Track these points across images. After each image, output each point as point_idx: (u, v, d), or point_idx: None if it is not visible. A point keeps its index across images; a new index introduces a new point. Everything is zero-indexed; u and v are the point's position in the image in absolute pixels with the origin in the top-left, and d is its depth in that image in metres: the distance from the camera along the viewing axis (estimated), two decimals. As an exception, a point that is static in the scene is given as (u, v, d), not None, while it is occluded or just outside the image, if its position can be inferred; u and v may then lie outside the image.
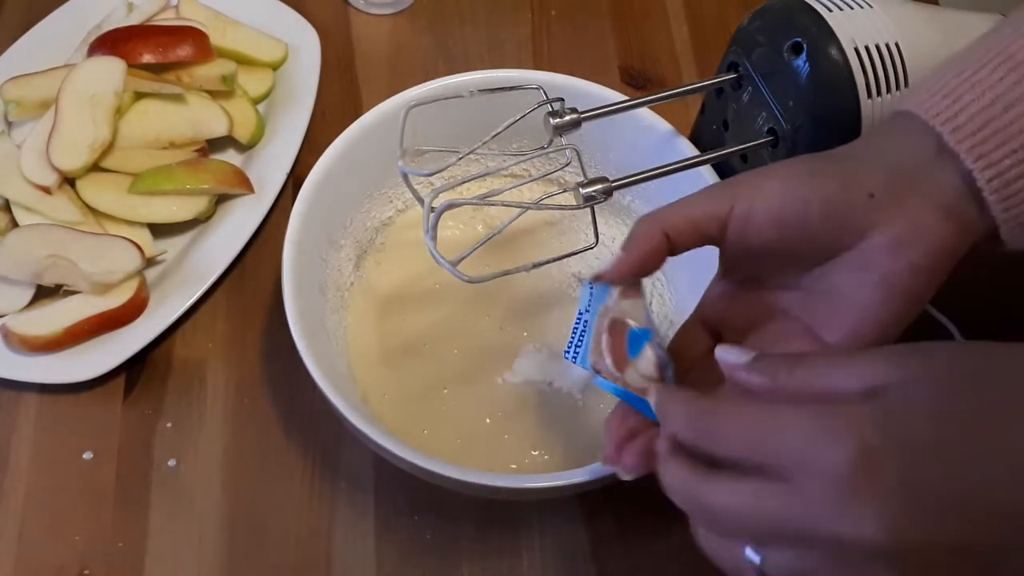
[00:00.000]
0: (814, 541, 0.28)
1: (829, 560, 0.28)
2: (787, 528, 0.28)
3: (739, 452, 0.30)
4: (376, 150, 0.52)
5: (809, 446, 0.28)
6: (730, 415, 0.31)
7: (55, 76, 0.58)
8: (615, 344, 0.37)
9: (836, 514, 0.27)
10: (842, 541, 0.27)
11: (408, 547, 0.51)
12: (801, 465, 0.28)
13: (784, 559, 0.29)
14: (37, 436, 0.54)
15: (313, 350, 0.45)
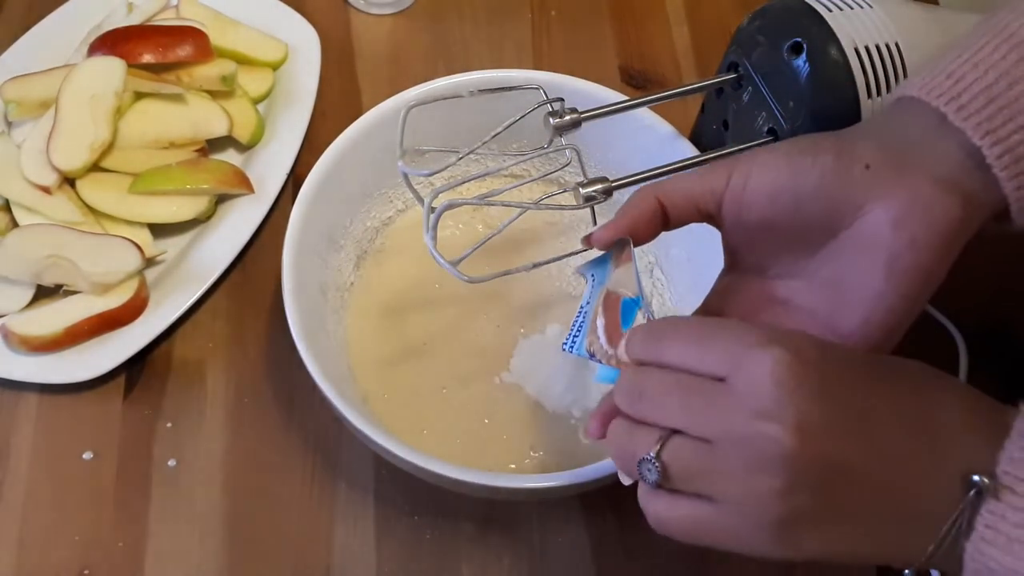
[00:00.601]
0: (728, 435, 0.29)
1: (728, 457, 0.29)
2: (708, 418, 0.30)
3: (684, 360, 0.31)
4: (376, 150, 0.52)
5: (749, 347, 0.30)
6: (676, 327, 0.33)
7: (55, 76, 0.58)
8: (609, 320, 0.38)
9: (760, 411, 0.29)
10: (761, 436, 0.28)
11: (408, 547, 0.51)
12: (738, 363, 0.30)
13: (685, 448, 0.31)
14: (37, 436, 0.54)
15: (313, 350, 0.45)
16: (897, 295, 0.34)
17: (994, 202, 0.34)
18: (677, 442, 0.31)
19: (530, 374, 0.53)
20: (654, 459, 0.31)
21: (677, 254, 0.54)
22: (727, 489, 0.30)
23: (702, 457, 0.30)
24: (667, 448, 0.31)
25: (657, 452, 0.31)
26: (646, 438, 0.31)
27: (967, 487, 0.30)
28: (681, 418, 0.31)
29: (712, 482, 0.30)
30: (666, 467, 0.31)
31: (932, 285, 0.35)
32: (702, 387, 0.31)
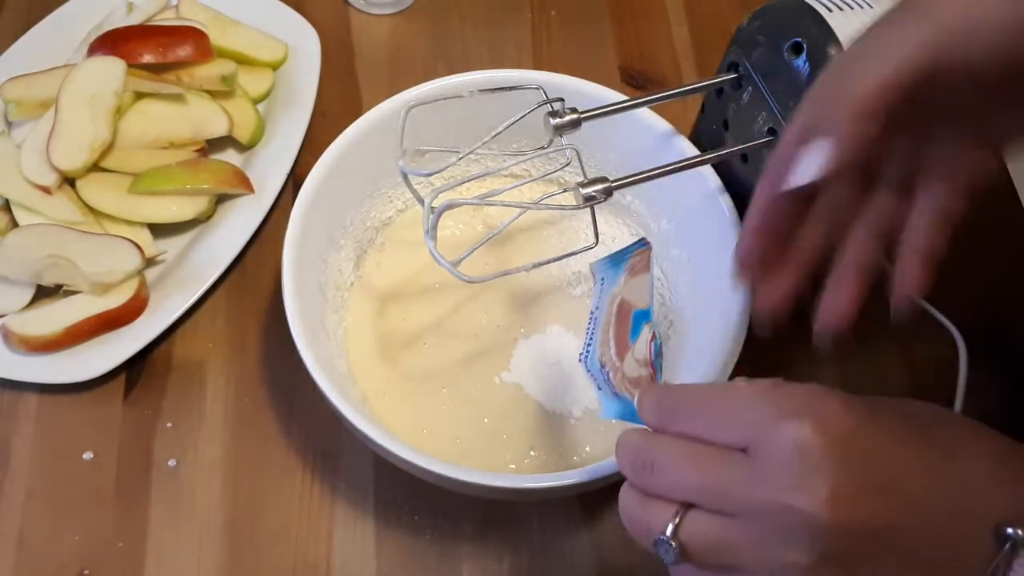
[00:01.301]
0: (752, 509, 0.28)
1: (752, 531, 0.29)
2: (727, 492, 0.29)
3: (699, 429, 0.30)
4: (376, 150, 0.52)
5: (771, 419, 0.29)
6: (692, 394, 0.32)
7: (55, 76, 0.58)
8: (620, 330, 0.37)
9: (788, 484, 0.28)
10: (789, 510, 0.28)
11: (408, 547, 0.51)
12: (761, 436, 0.29)
13: (704, 523, 0.30)
14: (37, 436, 0.54)
15: (313, 350, 0.45)
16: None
17: None
18: (694, 518, 0.30)
19: (530, 374, 0.53)
20: (670, 539, 0.30)
21: (677, 254, 0.54)
22: (752, 563, 0.29)
23: (722, 532, 0.29)
24: (684, 526, 0.30)
25: (673, 531, 0.30)
26: (660, 515, 0.30)
27: (1000, 540, 0.29)
28: (697, 492, 0.30)
29: (735, 557, 0.29)
30: (684, 546, 0.30)
31: None
32: (719, 459, 0.30)
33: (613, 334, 0.37)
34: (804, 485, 0.28)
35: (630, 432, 0.33)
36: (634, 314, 0.37)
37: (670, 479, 0.30)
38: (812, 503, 0.27)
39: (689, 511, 0.30)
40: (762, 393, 0.30)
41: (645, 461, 0.31)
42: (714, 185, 0.50)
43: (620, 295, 0.38)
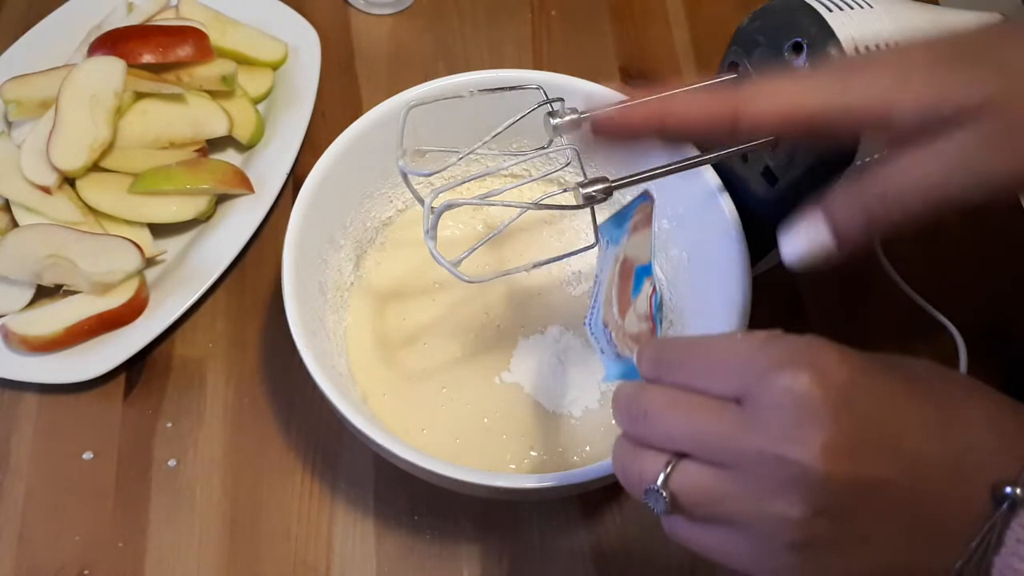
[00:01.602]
0: (744, 459, 0.28)
1: (744, 482, 0.28)
2: (719, 441, 0.28)
3: (693, 381, 0.30)
4: (376, 150, 0.52)
5: (767, 369, 0.28)
6: (689, 344, 0.31)
7: (55, 76, 0.58)
8: (623, 288, 0.37)
9: (782, 434, 0.27)
10: (782, 460, 0.27)
11: (408, 547, 0.51)
12: (755, 385, 0.28)
13: (695, 473, 0.29)
14: (37, 436, 0.54)
15: (313, 350, 0.45)
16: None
17: None
18: (685, 467, 0.29)
19: (530, 374, 0.53)
20: (660, 488, 0.29)
21: (677, 254, 0.54)
22: (743, 515, 0.29)
23: (713, 482, 0.29)
24: (675, 475, 0.29)
25: (664, 480, 0.29)
26: (652, 464, 0.30)
27: (997, 500, 0.29)
28: (689, 441, 0.29)
29: (726, 508, 0.29)
30: (675, 496, 0.29)
31: None
32: (713, 408, 0.29)
33: (616, 293, 0.37)
34: (798, 435, 0.27)
35: (625, 384, 0.32)
36: (636, 270, 0.36)
37: (662, 428, 0.30)
38: (806, 454, 0.27)
39: (681, 461, 0.29)
40: (759, 343, 0.29)
41: (638, 410, 0.31)
42: (714, 185, 0.50)
43: (623, 254, 0.37)
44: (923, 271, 0.60)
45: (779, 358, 0.28)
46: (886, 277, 0.59)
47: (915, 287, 0.58)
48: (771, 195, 0.47)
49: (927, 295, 0.58)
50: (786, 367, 0.28)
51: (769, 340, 0.29)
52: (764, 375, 0.28)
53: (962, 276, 0.61)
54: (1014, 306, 0.60)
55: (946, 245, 0.62)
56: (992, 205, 0.59)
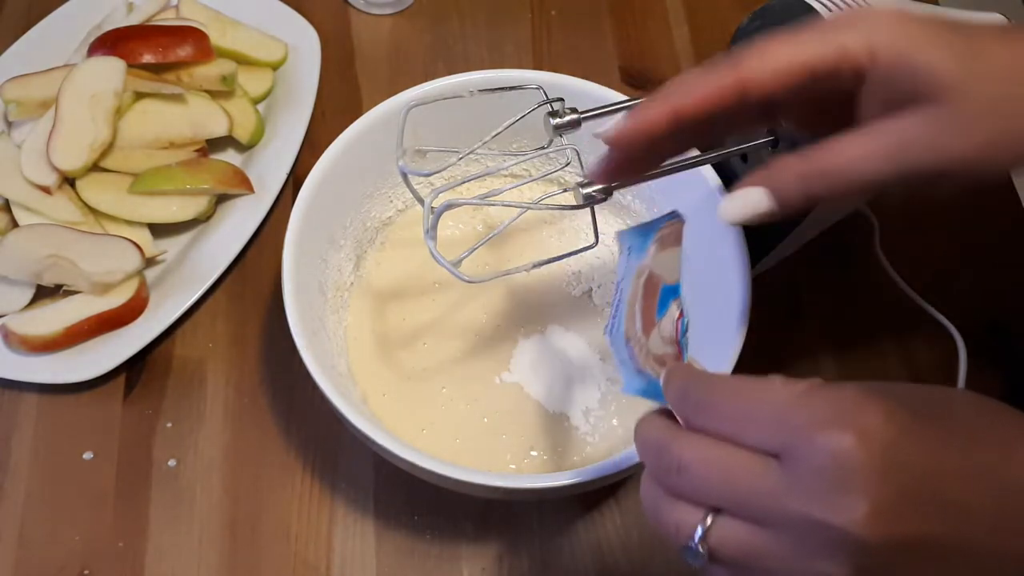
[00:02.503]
0: (785, 521, 0.27)
1: (785, 542, 0.27)
2: (761, 501, 0.28)
3: (729, 427, 0.29)
4: (376, 150, 0.52)
5: (809, 426, 0.27)
6: (724, 386, 0.30)
7: (55, 76, 0.58)
8: (647, 306, 0.36)
9: (825, 499, 0.26)
10: (825, 526, 0.26)
11: (408, 547, 0.51)
12: (796, 444, 0.27)
13: (734, 531, 0.28)
14: (37, 436, 0.54)
15: (313, 350, 0.45)
16: None
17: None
18: (724, 524, 0.28)
19: (530, 374, 0.53)
20: (698, 546, 0.28)
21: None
22: (784, 571, 0.28)
23: (753, 541, 0.28)
24: (713, 531, 0.28)
25: (702, 536, 0.28)
26: (688, 518, 0.29)
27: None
28: (727, 500, 0.28)
29: (766, 564, 0.28)
30: (713, 551, 0.28)
31: None
32: (750, 466, 0.28)
33: (640, 308, 0.36)
34: (842, 502, 0.26)
35: (652, 420, 0.31)
36: (662, 289, 0.36)
37: (699, 484, 0.29)
38: (849, 520, 0.26)
39: (719, 516, 0.28)
40: (799, 396, 0.28)
41: (671, 462, 0.29)
42: (714, 185, 0.50)
43: (648, 268, 0.36)
44: (923, 271, 0.60)
45: (822, 416, 0.27)
46: (886, 277, 0.59)
47: (915, 287, 0.58)
48: (771, 195, 0.47)
49: (927, 295, 0.58)
50: (829, 427, 0.27)
51: (811, 392, 0.28)
52: (806, 434, 0.27)
53: (962, 276, 0.61)
54: (1014, 306, 0.60)
55: (946, 245, 0.62)
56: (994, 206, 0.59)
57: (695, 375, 0.31)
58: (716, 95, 0.34)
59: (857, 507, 0.26)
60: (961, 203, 0.64)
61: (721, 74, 0.34)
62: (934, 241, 0.62)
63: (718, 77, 0.34)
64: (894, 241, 0.61)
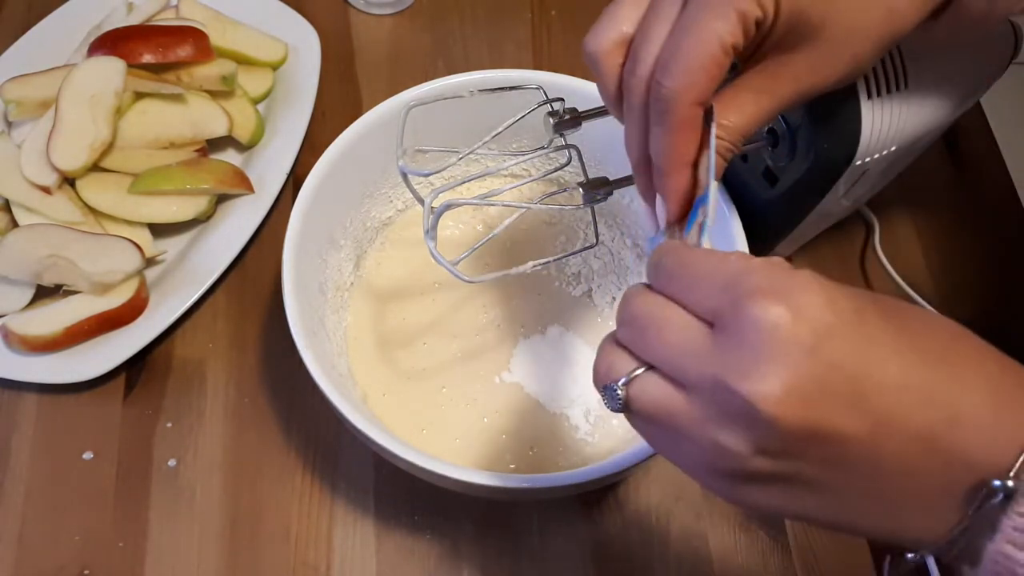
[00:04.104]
0: (700, 384, 0.27)
1: (695, 405, 0.28)
2: (683, 360, 0.28)
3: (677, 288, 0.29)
4: (376, 150, 0.52)
5: (746, 295, 0.27)
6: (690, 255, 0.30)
7: (55, 76, 0.58)
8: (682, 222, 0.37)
9: (740, 368, 0.26)
10: (733, 394, 0.26)
11: (408, 547, 0.51)
12: (730, 310, 0.27)
13: (653, 385, 0.29)
14: (37, 436, 0.54)
15: (313, 350, 0.45)
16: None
17: None
18: (646, 378, 0.29)
19: (530, 374, 0.53)
20: (618, 388, 0.29)
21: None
22: (688, 434, 0.28)
23: (667, 399, 0.28)
24: (634, 382, 0.29)
25: (623, 383, 0.29)
26: (621, 365, 0.30)
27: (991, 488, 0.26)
28: (654, 355, 0.29)
29: (673, 423, 0.28)
30: (629, 400, 0.29)
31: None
32: (684, 327, 0.28)
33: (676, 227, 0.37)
34: (755, 372, 0.26)
35: (634, 286, 0.32)
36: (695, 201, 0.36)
37: (635, 336, 0.30)
38: (758, 393, 0.26)
39: (645, 371, 0.29)
40: (749, 267, 0.27)
41: (626, 314, 0.30)
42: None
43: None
44: (923, 271, 0.60)
45: (762, 286, 0.26)
46: (886, 277, 0.59)
47: (915, 287, 0.58)
48: (771, 195, 0.47)
49: (927, 295, 0.58)
50: (764, 297, 0.26)
51: (761, 267, 0.27)
52: (739, 301, 0.27)
53: (962, 276, 0.61)
54: (1014, 306, 0.60)
55: (946, 245, 0.62)
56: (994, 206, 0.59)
57: (670, 247, 0.31)
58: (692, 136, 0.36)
59: (769, 381, 0.26)
60: (960, 203, 0.64)
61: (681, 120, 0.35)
62: (934, 241, 0.62)
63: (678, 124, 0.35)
64: (894, 241, 0.61)
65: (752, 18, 0.33)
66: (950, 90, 0.45)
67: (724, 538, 0.51)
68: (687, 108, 0.34)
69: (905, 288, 0.58)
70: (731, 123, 0.36)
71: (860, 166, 0.45)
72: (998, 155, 0.66)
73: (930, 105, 0.45)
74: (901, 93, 0.44)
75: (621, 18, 0.37)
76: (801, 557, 0.51)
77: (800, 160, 0.45)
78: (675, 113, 0.34)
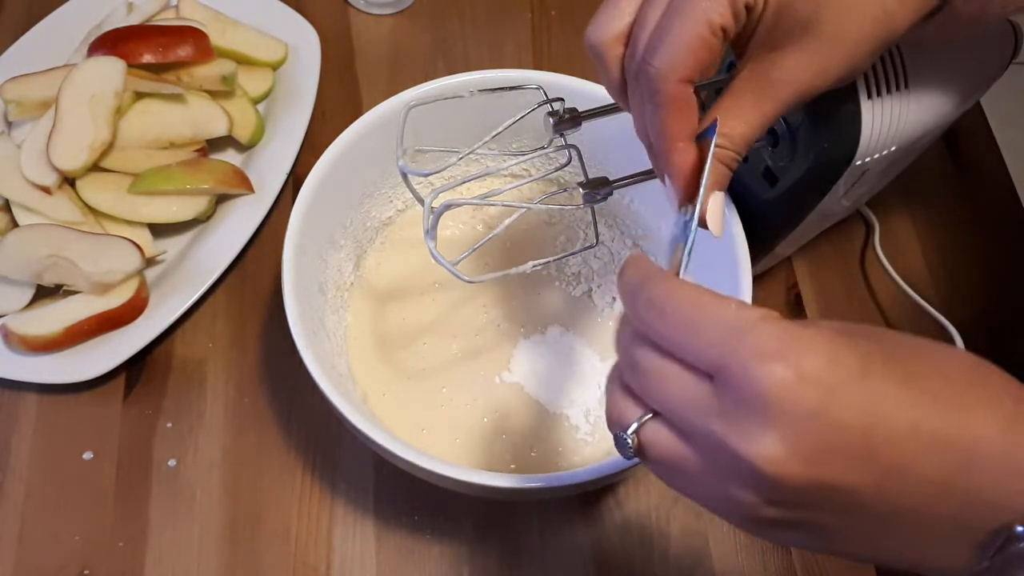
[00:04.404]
0: (706, 439, 0.27)
1: (703, 458, 0.28)
2: (687, 414, 0.28)
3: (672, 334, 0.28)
4: (376, 150, 0.52)
5: (749, 356, 0.26)
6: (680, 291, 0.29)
7: (55, 76, 0.58)
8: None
9: (744, 428, 0.26)
10: (737, 454, 0.26)
11: (408, 547, 0.51)
12: (734, 367, 0.26)
13: (662, 435, 0.29)
14: (37, 436, 0.54)
15: (313, 350, 0.45)
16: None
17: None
18: (654, 427, 0.29)
19: (530, 374, 0.53)
20: (628, 437, 0.29)
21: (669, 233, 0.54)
22: (699, 482, 0.29)
23: (676, 449, 0.29)
24: (644, 430, 0.29)
25: (634, 431, 0.29)
26: (629, 412, 0.30)
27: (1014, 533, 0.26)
28: (660, 406, 0.29)
29: (684, 471, 0.29)
30: (640, 448, 0.29)
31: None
32: (683, 380, 0.28)
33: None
34: (757, 436, 0.26)
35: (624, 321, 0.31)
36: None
37: (643, 385, 0.29)
38: (760, 456, 0.26)
39: (654, 418, 0.29)
40: (749, 320, 0.27)
41: (631, 360, 0.30)
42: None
43: None
44: (923, 271, 0.60)
45: (767, 347, 0.26)
46: (886, 277, 0.59)
47: (915, 287, 0.58)
48: (771, 195, 0.47)
49: (927, 295, 0.58)
50: (770, 359, 0.26)
51: (764, 320, 0.27)
52: (744, 360, 0.26)
53: (962, 276, 0.61)
54: (1014, 306, 0.60)
55: (946, 245, 0.62)
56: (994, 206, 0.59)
57: (655, 272, 0.30)
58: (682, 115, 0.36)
59: (771, 446, 0.26)
60: (961, 203, 0.64)
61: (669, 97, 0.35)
62: (934, 241, 0.62)
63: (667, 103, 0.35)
64: (894, 241, 0.61)
65: (742, 1, 0.34)
66: (950, 90, 0.45)
67: (724, 538, 0.51)
68: (674, 86, 0.35)
69: (905, 288, 0.58)
70: (734, 131, 0.36)
71: (860, 166, 0.45)
72: (998, 155, 0.66)
73: (930, 105, 0.45)
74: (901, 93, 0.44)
75: (621, 8, 0.37)
76: (801, 557, 0.51)
77: (800, 160, 0.45)
78: (662, 92, 0.35)
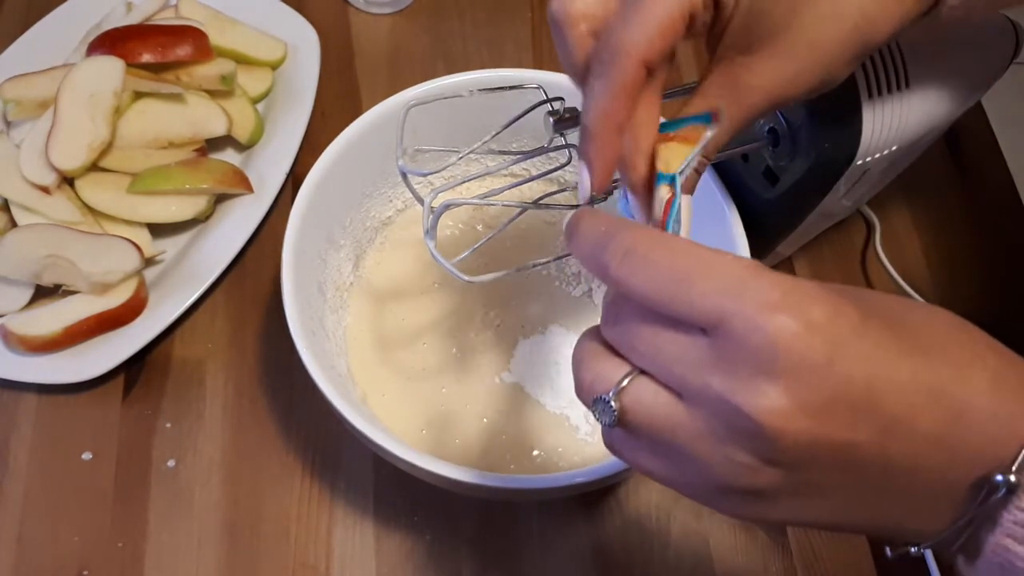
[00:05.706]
0: (703, 395, 0.26)
1: (698, 417, 0.26)
2: (684, 371, 0.26)
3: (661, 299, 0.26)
4: (376, 150, 0.52)
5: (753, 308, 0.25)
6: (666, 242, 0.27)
7: (54, 76, 0.58)
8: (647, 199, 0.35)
9: (748, 380, 0.25)
10: (738, 409, 0.25)
11: (408, 547, 0.51)
12: (737, 317, 0.25)
13: (651, 394, 0.27)
14: (37, 436, 0.54)
15: (313, 350, 0.45)
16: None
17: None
18: (642, 385, 0.27)
19: (530, 374, 0.53)
20: (611, 400, 0.27)
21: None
22: (691, 448, 0.27)
23: (667, 410, 0.27)
24: (630, 389, 0.27)
25: (616, 392, 0.27)
26: (611, 372, 0.28)
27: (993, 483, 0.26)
28: (650, 361, 0.27)
29: (675, 437, 0.27)
30: (624, 412, 0.27)
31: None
32: (678, 332, 0.26)
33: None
34: (763, 388, 0.25)
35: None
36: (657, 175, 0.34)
37: (626, 338, 0.27)
38: (764, 409, 0.25)
39: (640, 376, 0.27)
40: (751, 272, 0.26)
41: (612, 310, 0.28)
42: (714, 185, 0.50)
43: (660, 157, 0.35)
44: (924, 271, 0.60)
45: (771, 297, 0.25)
46: (886, 277, 0.59)
47: (915, 287, 0.58)
48: (771, 195, 0.47)
49: (928, 295, 0.58)
50: (776, 310, 0.25)
51: (761, 273, 0.26)
52: (749, 310, 0.25)
53: (963, 276, 0.61)
54: (1014, 306, 0.60)
55: (946, 245, 0.62)
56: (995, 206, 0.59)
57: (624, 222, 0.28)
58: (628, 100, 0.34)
59: (777, 398, 0.25)
60: (961, 203, 0.64)
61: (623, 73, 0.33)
62: (934, 241, 0.62)
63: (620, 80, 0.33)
64: (895, 241, 0.61)
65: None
66: (951, 90, 0.45)
67: (724, 538, 0.51)
68: (633, 64, 0.33)
69: (906, 288, 0.58)
70: None
71: (861, 166, 0.45)
72: (999, 155, 0.66)
73: (931, 105, 0.45)
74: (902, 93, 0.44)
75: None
76: (802, 557, 0.51)
77: (801, 160, 0.45)
78: (620, 65, 0.33)
